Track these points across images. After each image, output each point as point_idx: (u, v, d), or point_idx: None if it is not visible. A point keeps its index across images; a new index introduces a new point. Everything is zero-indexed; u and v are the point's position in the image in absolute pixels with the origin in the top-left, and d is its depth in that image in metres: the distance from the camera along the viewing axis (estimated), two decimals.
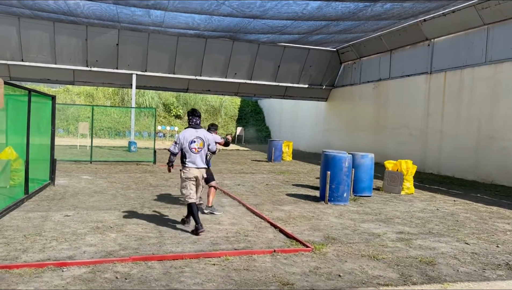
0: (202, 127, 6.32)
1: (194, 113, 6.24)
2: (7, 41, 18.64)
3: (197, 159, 6.05)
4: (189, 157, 6.03)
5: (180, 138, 6.06)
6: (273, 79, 23.25)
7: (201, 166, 6.10)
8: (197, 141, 6.04)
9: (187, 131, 6.13)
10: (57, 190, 8.94)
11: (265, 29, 16.45)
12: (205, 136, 6.16)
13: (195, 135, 6.07)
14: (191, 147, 6.00)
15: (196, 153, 6.04)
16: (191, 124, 6.21)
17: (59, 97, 32.04)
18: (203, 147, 6.10)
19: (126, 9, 14.01)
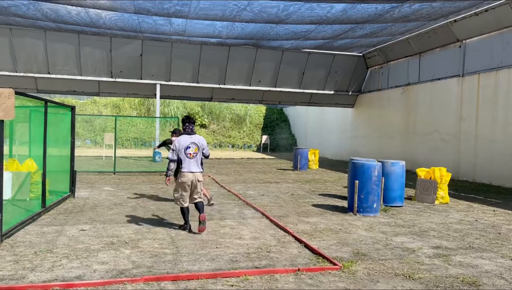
0: (196, 133, 6.64)
1: (189, 120, 6.56)
2: (34, 54, 18.98)
3: (191, 164, 6.35)
4: (184, 163, 6.32)
5: (176, 144, 6.36)
6: (298, 86, 22.84)
7: (195, 170, 6.40)
8: (192, 146, 6.36)
9: (182, 138, 6.42)
10: (77, 203, 8.77)
11: (289, 35, 16.09)
12: (199, 141, 6.48)
13: (190, 141, 6.39)
14: (186, 153, 6.32)
15: (191, 158, 6.35)
16: (187, 130, 6.51)
17: (87, 108, 32.62)
18: (198, 152, 6.42)
19: (148, 18, 13.95)
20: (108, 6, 12.56)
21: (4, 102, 5.34)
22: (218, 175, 15.05)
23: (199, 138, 6.53)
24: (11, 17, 14.46)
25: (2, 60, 18.77)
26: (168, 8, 12.45)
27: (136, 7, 12.55)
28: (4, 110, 5.34)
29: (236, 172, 16.60)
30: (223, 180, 13.52)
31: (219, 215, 7.85)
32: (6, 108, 5.35)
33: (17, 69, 19.20)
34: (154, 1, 12.01)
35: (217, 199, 9.69)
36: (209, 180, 13.60)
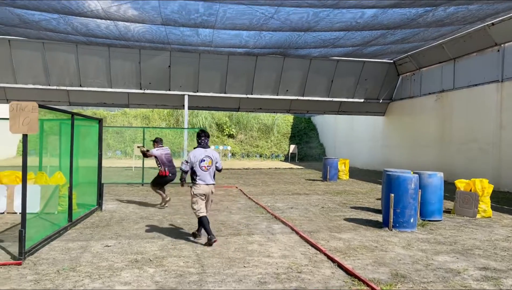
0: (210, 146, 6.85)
1: (204, 134, 6.75)
2: (66, 68, 19.38)
3: (206, 177, 6.55)
4: (199, 175, 6.51)
5: (191, 157, 6.53)
6: (326, 95, 22.41)
7: (210, 182, 6.60)
8: (206, 159, 6.55)
9: (197, 151, 6.60)
10: (103, 216, 8.67)
11: (317, 43, 15.77)
12: (213, 155, 6.68)
13: (205, 154, 6.58)
14: (201, 166, 6.51)
15: (206, 171, 6.54)
16: (202, 144, 6.67)
17: (118, 119, 33.17)
18: (212, 165, 6.61)
19: (175, 29, 13.96)
20: (136, 18, 12.62)
21: (27, 116, 5.25)
22: (246, 186, 14.78)
23: (213, 152, 6.73)
24: (42, 32, 14.78)
25: (36, 74, 19.25)
26: (195, 18, 12.39)
27: (164, 18, 12.55)
28: (27, 124, 5.25)
29: (264, 183, 16.30)
30: (251, 192, 13.25)
31: (247, 230, 7.56)
32: (29, 122, 5.26)
33: (50, 82, 19.64)
34: (181, 12, 11.96)
35: (244, 212, 9.41)
36: (236, 191, 13.36)
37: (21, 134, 5.29)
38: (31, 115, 5.27)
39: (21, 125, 5.24)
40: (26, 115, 5.26)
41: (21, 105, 5.26)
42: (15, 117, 5.23)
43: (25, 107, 5.26)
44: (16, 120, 5.24)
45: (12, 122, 5.23)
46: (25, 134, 5.30)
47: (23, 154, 5.32)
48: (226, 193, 13.01)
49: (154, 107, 23.62)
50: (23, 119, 5.25)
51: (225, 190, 13.66)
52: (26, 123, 5.25)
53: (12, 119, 5.23)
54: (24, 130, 5.26)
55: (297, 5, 10.99)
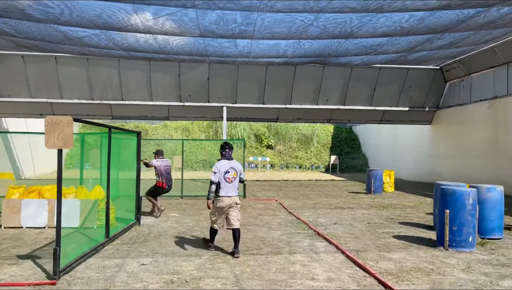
0: (234, 158, 6.83)
1: (228, 146, 6.80)
2: (109, 82, 19.82)
3: (230, 189, 6.59)
4: (223, 187, 6.56)
5: (217, 169, 6.58)
6: (368, 103, 21.66)
7: (233, 194, 6.63)
8: (231, 171, 6.60)
9: (221, 163, 6.66)
10: (141, 231, 8.51)
11: (358, 50, 15.21)
12: (237, 166, 6.72)
13: (229, 166, 6.64)
14: (225, 177, 6.55)
15: (230, 182, 6.58)
16: (226, 156, 6.73)
17: (159, 132, 33.70)
18: (236, 177, 6.66)
19: (213, 41, 13.86)
20: (175, 30, 12.61)
21: (62, 130, 5.13)
22: (286, 199, 14.34)
23: (237, 163, 6.78)
24: (86, 48, 15.13)
25: (80, 89, 19.79)
26: (233, 28, 12.22)
27: (202, 30, 12.47)
28: (63, 138, 5.12)
29: (305, 195, 15.79)
30: (291, 205, 12.79)
31: (288, 248, 7.12)
32: (64, 137, 5.13)
33: (94, 97, 20.13)
34: (219, 23, 11.82)
35: (285, 228, 8.98)
36: (276, 205, 12.94)
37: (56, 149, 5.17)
38: (66, 129, 5.15)
39: (56, 140, 5.12)
40: (61, 130, 5.14)
41: (56, 119, 5.14)
42: (50, 132, 5.12)
43: (60, 122, 5.14)
44: (51, 135, 5.12)
45: (47, 137, 5.12)
46: (60, 149, 5.17)
47: (58, 169, 5.19)
48: (266, 206, 12.63)
49: (194, 119, 23.72)
50: (58, 134, 5.13)
51: (265, 204, 13.28)
52: (61, 137, 5.13)
53: (47, 134, 5.12)
54: (59, 145, 5.13)
55: (338, 11, 10.55)
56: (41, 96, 19.60)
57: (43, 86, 19.44)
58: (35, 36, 13.70)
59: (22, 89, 19.37)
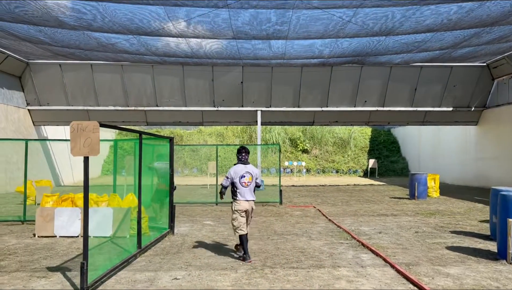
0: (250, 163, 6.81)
1: (244, 150, 6.81)
2: (143, 88, 19.86)
3: (246, 193, 6.59)
4: (239, 191, 6.57)
5: (231, 173, 6.61)
6: (409, 104, 20.67)
7: (250, 198, 6.63)
8: (246, 175, 6.59)
9: (237, 167, 6.65)
10: (175, 241, 8.15)
11: (399, 48, 14.40)
12: (253, 171, 6.69)
13: (245, 170, 6.63)
14: (241, 181, 6.56)
15: (246, 187, 6.58)
16: (242, 160, 6.74)
17: (193, 138, 33.74)
18: (252, 181, 6.63)
19: (246, 43, 13.48)
20: (207, 33, 12.32)
21: (88, 137, 4.81)
22: (324, 206, 13.70)
23: (253, 168, 6.75)
24: (119, 54, 15.12)
25: (115, 95, 19.95)
26: (267, 28, 11.78)
27: (235, 31, 12.11)
28: (88, 145, 4.80)
29: (344, 201, 15.08)
30: (330, 212, 12.16)
31: (331, 261, 6.54)
32: (91, 144, 4.81)
33: (129, 103, 20.23)
34: (252, 23, 11.41)
35: (325, 238, 8.39)
36: (314, 212, 12.34)
37: (82, 156, 4.85)
38: (92, 135, 4.83)
39: (82, 147, 4.81)
40: (87, 136, 4.82)
41: (82, 125, 4.83)
42: (76, 138, 4.81)
43: (85, 127, 4.82)
44: (77, 141, 4.81)
45: (73, 144, 4.82)
46: (87, 157, 4.86)
47: (84, 178, 4.87)
48: (304, 213, 12.05)
49: (228, 124, 23.47)
50: (84, 140, 4.82)
51: (302, 210, 12.71)
52: (87, 144, 4.81)
53: (73, 140, 4.82)
54: (85, 152, 4.81)
55: (379, 5, 9.90)
56: (78, 103, 19.88)
57: (80, 93, 19.71)
58: (70, 44, 13.79)
59: (59, 97, 19.71)
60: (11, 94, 18.72)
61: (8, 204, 13.78)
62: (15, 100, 19.08)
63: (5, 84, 18.24)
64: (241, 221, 6.57)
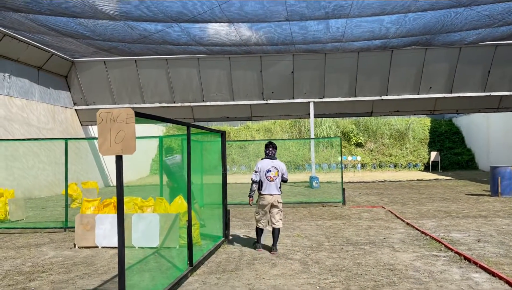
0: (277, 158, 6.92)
1: (272, 145, 6.94)
2: (189, 83, 18.95)
3: (271, 187, 6.70)
4: (265, 185, 6.71)
5: (259, 167, 6.78)
6: (481, 89, 18.41)
7: (275, 193, 6.74)
8: (272, 170, 6.73)
9: (264, 162, 6.83)
10: (231, 252, 6.92)
11: (478, 22, 12.40)
12: (279, 166, 6.80)
13: (271, 165, 6.77)
14: (267, 176, 6.70)
15: (271, 181, 6.70)
16: (269, 155, 6.89)
17: (241, 134, 32.71)
18: (278, 176, 6.74)
19: (300, 25, 12.05)
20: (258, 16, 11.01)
21: (121, 129, 3.62)
22: (393, 206, 12.06)
23: (280, 163, 6.85)
24: (163, 46, 14.17)
25: (161, 92, 19.18)
26: (326, 5, 10.29)
27: (289, 11, 10.72)
28: (121, 141, 3.62)
29: (414, 200, 13.32)
30: (403, 214, 10.53)
31: (435, 284, 5.03)
32: (124, 138, 3.62)
33: (175, 99, 19.41)
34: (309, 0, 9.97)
35: (413, 248, 6.83)
36: (384, 213, 10.75)
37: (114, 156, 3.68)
38: (126, 127, 3.64)
39: (113, 143, 3.63)
40: (119, 128, 3.64)
41: (112, 114, 3.65)
42: (105, 132, 3.64)
43: (117, 117, 3.64)
44: (106, 136, 3.64)
45: (101, 139, 3.65)
46: (120, 156, 3.68)
47: (117, 183, 3.70)
48: (373, 216, 10.50)
49: (278, 118, 22.12)
50: (116, 134, 3.64)
51: (370, 212, 11.15)
52: (119, 139, 3.63)
53: (101, 134, 3.65)
54: (117, 150, 3.63)
55: None
56: (123, 101, 19.29)
57: (125, 91, 19.12)
58: (112, 37, 12.98)
59: (105, 96, 19.20)
60: (57, 94, 18.39)
61: (54, 208, 13.20)
62: (62, 100, 18.75)
63: (51, 84, 17.92)
64: (262, 216, 6.81)
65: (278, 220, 6.81)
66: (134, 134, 3.63)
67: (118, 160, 3.67)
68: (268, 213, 6.81)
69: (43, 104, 17.17)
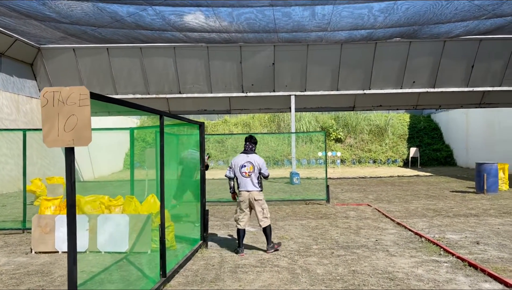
0: (255, 152, 6.59)
1: (250, 139, 6.61)
2: (165, 73, 17.99)
3: (247, 183, 6.36)
4: (240, 181, 6.42)
5: (233, 163, 6.52)
6: (464, 84, 18.14)
7: (250, 189, 6.37)
8: (247, 165, 6.40)
9: (239, 157, 6.54)
10: (210, 258, 6.16)
11: (467, 13, 11.97)
12: (255, 160, 6.43)
13: (246, 160, 6.44)
14: (241, 171, 6.39)
15: (247, 177, 6.37)
16: (245, 149, 6.57)
17: (218, 128, 31.85)
18: (253, 171, 6.37)
19: (284, 11, 11.31)
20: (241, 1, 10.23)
21: (72, 113, 2.81)
22: (379, 203, 11.55)
23: (256, 157, 6.50)
24: (136, 30, 13.19)
25: (135, 82, 18.15)
26: None
27: None
28: (72, 129, 2.81)
29: (399, 197, 12.87)
30: (391, 212, 10.01)
31: None
32: (76, 126, 2.81)
33: (149, 91, 18.41)
34: None
35: (409, 252, 6.24)
36: (371, 212, 10.20)
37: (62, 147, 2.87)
38: (79, 112, 2.83)
39: (62, 132, 2.82)
40: (70, 112, 2.83)
41: (61, 94, 2.84)
42: (52, 117, 2.82)
43: (67, 97, 2.84)
44: (53, 122, 2.83)
45: (47, 126, 2.83)
46: (70, 149, 2.87)
47: (67, 181, 2.90)
48: (359, 214, 9.92)
49: (258, 112, 21.39)
50: (65, 120, 2.83)
51: (356, 210, 10.58)
52: (70, 127, 2.82)
53: (46, 120, 2.83)
54: (67, 140, 2.82)
55: None
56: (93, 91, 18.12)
57: (96, 81, 18.00)
58: (80, 20, 11.94)
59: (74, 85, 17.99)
60: (22, 82, 17.11)
61: (15, 205, 12.11)
62: (27, 89, 17.48)
63: (15, 72, 16.64)
64: (240, 215, 6.40)
65: (262, 219, 6.40)
66: (89, 120, 2.83)
67: (68, 154, 2.86)
68: (248, 212, 6.45)
69: (5, 93, 15.90)
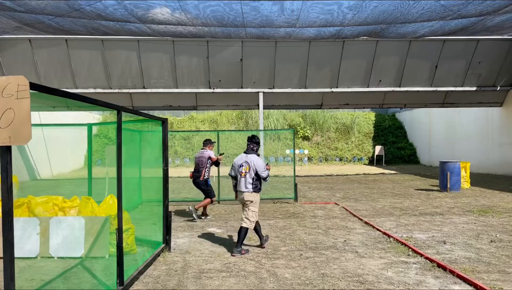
0: (255, 153, 6.47)
1: (251, 139, 6.53)
2: (128, 67, 17.33)
3: (241, 183, 6.32)
4: (238, 181, 6.37)
5: (234, 162, 6.49)
6: (428, 84, 18.47)
7: (243, 189, 6.30)
8: (244, 165, 6.33)
9: (239, 156, 6.50)
10: (173, 263, 5.82)
11: (433, 14, 12.09)
12: (252, 160, 6.32)
13: (244, 159, 6.38)
14: (239, 171, 6.36)
15: (243, 177, 6.31)
16: (247, 149, 6.51)
17: (185, 125, 31.24)
18: (249, 172, 6.29)
19: (253, 5, 11.03)
20: None
21: (9, 107, 2.43)
22: (346, 202, 11.52)
23: (254, 158, 6.38)
24: (97, 21, 12.55)
25: (96, 76, 17.39)
26: None
27: None
28: (9, 125, 2.43)
29: (366, 195, 12.91)
30: (359, 211, 9.96)
31: None
32: (13, 121, 2.43)
33: (112, 85, 17.70)
34: None
35: (378, 253, 6.13)
36: (339, 211, 10.12)
37: None
38: (17, 105, 2.45)
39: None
40: (6, 106, 2.44)
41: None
42: None
43: (3, 89, 2.44)
44: None
45: None
46: (7, 148, 2.48)
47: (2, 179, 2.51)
48: (327, 213, 9.82)
49: (225, 108, 21.01)
50: (1, 115, 2.44)
51: (323, 209, 10.48)
52: (6, 123, 2.43)
53: None
54: (3, 137, 2.43)
55: None
56: (51, 85, 17.18)
57: (54, 74, 17.13)
58: (36, 8, 11.21)
59: (30, 79, 16.60)
60: None
61: None
62: None
63: None
64: (242, 213, 6.41)
65: (243, 219, 6.34)
66: (29, 114, 2.45)
67: (4, 154, 2.47)
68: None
69: None
